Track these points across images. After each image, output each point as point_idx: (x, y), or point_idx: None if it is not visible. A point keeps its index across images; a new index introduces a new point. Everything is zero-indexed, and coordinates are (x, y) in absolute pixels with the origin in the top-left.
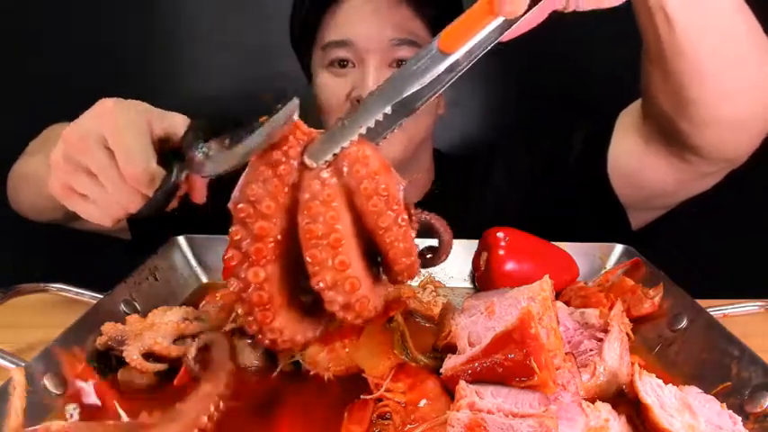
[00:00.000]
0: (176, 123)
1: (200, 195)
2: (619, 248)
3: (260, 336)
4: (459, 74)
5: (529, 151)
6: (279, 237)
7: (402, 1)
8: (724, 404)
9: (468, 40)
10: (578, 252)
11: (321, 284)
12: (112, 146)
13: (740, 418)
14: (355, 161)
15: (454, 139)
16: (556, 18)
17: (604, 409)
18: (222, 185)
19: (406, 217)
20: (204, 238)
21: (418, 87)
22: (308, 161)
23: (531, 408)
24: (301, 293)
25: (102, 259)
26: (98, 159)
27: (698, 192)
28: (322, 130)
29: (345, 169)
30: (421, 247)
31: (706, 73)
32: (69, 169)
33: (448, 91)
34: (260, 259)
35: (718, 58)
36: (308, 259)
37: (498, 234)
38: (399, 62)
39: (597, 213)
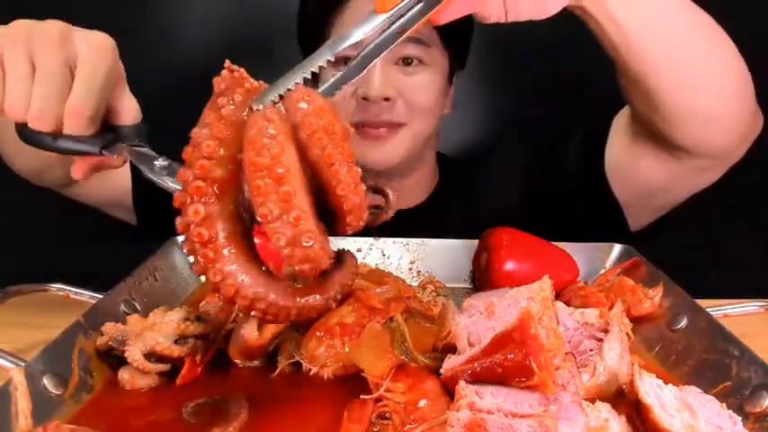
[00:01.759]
0: (131, 108)
1: (79, 172)
2: (618, 248)
3: (206, 277)
4: (394, 41)
5: (529, 152)
6: (222, 176)
7: None
8: (724, 404)
9: (397, 4)
10: (578, 252)
11: (267, 216)
12: (81, 76)
13: (740, 419)
14: (299, 100)
15: (455, 142)
16: (558, 17)
17: (604, 408)
18: None
19: (352, 156)
20: None
21: (356, 40)
22: (253, 105)
23: (530, 408)
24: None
25: (102, 259)
26: (55, 66)
27: (698, 188)
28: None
29: (290, 108)
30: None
31: (661, 69)
32: (18, 44)
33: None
34: (201, 197)
35: (669, 55)
36: (254, 191)
37: (498, 234)
38: (405, 60)
39: (596, 214)
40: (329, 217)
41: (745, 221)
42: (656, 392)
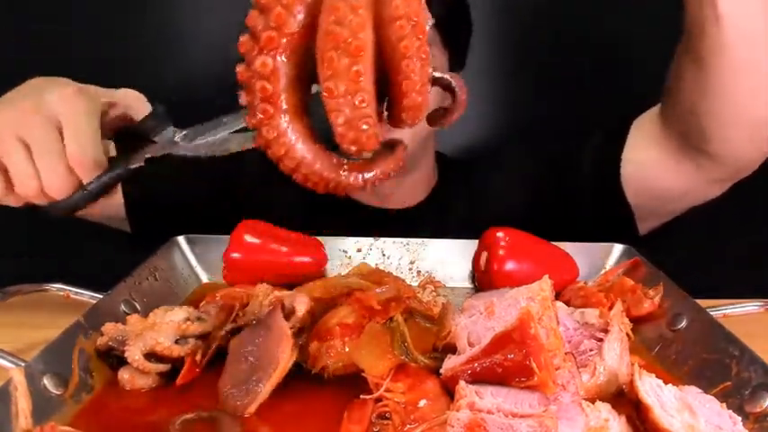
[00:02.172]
0: (130, 101)
1: None
2: (619, 248)
3: (258, 131)
4: None
5: (534, 154)
6: (296, 32)
7: None
8: (724, 404)
9: None
10: (578, 252)
11: (332, 91)
12: (66, 130)
13: (740, 419)
14: None
15: (457, 142)
16: (565, 21)
17: (604, 408)
18: (222, 186)
19: (428, 54)
20: (204, 237)
21: None
22: None
23: (530, 408)
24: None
25: (102, 259)
26: (44, 134)
27: (705, 199)
28: None
29: None
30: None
31: (743, 71)
32: (4, 136)
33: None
34: (271, 48)
35: (756, 58)
36: (324, 62)
37: (498, 234)
38: None
39: (602, 217)
40: (385, 104)
41: (746, 221)
42: (656, 392)
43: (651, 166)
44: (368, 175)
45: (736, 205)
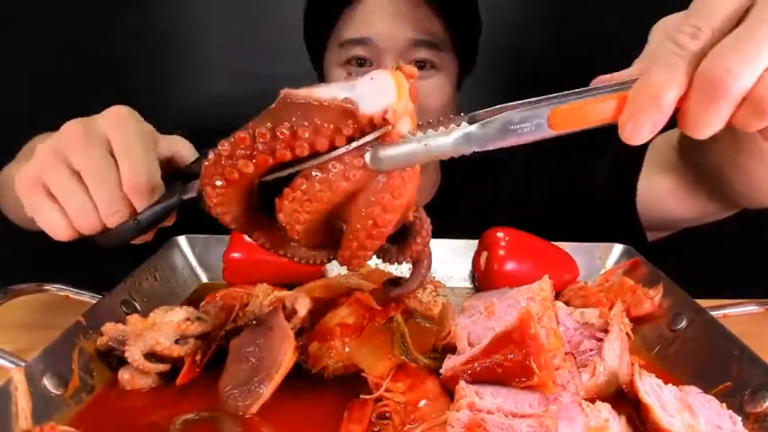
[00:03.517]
0: (179, 145)
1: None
2: (619, 248)
3: (205, 191)
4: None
5: (538, 156)
6: (284, 159)
7: (422, 1)
8: (724, 404)
9: (574, 128)
10: (578, 252)
11: (280, 218)
12: (119, 152)
13: (740, 419)
14: (392, 189)
15: None
16: (566, 22)
17: (604, 409)
18: None
19: (375, 246)
20: (204, 237)
21: (501, 143)
22: (368, 159)
23: (530, 408)
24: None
25: (102, 259)
26: (97, 161)
27: (716, 219)
28: (404, 137)
29: (389, 182)
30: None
31: None
32: (52, 165)
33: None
34: (258, 164)
35: None
36: (282, 205)
37: (498, 234)
38: (418, 63)
39: (613, 228)
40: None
41: (745, 221)
42: (656, 392)
43: (665, 194)
44: (280, 250)
45: (746, 219)
